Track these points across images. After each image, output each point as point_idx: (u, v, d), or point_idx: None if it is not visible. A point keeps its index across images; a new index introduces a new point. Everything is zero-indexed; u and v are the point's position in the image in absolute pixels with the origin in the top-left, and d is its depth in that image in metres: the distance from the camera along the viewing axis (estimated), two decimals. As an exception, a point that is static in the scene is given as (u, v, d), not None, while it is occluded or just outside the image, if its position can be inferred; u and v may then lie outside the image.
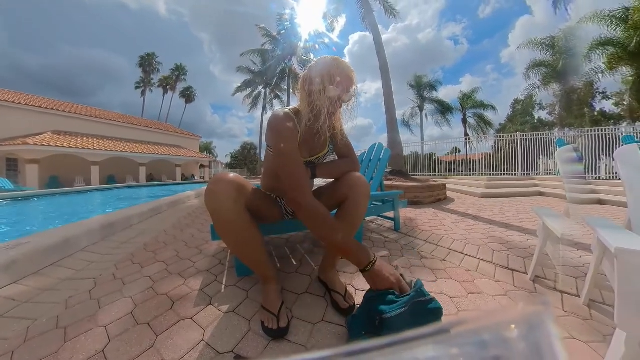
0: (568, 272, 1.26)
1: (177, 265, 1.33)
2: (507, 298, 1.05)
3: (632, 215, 0.81)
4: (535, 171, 6.63)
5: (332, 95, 0.84)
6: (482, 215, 2.80)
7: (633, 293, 0.53)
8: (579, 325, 0.88)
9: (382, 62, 6.14)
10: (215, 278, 1.17)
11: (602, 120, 13.79)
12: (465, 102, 15.95)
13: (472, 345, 0.12)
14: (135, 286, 1.11)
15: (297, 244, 1.64)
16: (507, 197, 4.54)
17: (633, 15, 7.16)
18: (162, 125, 20.48)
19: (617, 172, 0.98)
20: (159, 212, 2.92)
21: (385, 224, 2.21)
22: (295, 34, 13.58)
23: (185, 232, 2.00)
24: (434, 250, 1.58)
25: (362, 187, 0.93)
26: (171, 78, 33.54)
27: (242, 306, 0.95)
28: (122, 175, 14.14)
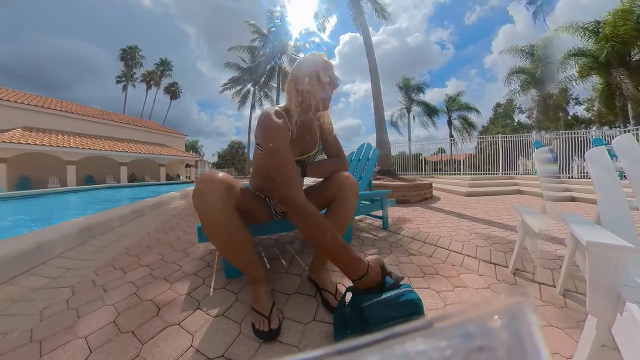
0: (545, 265, 1.34)
1: (162, 269, 1.28)
2: (490, 291, 1.10)
3: (601, 211, 0.87)
4: (515, 171, 6.99)
5: (322, 94, 0.87)
6: (466, 212, 2.91)
7: (602, 282, 0.57)
8: (555, 313, 0.94)
9: (371, 64, 6.21)
10: (203, 281, 1.14)
11: (574, 124, 14.82)
12: (450, 105, 16.64)
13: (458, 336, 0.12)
14: (117, 293, 1.06)
15: (286, 244, 1.63)
16: (489, 196, 4.74)
17: (603, 28, 7.74)
18: (145, 123, 19.46)
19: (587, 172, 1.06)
20: (141, 214, 2.80)
21: (374, 222, 2.25)
22: (286, 32, 13.39)
23: (171, 235, 1.93)
24: (421, 247, 1.62)
25: (351, 187, 0.93)
26: (155, 73, 31.73)
27: (231, 309, 0.93)
28: (102, 175, 13.36)
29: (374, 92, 6.14)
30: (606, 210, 0.86)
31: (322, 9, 8.38)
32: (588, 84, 9.87)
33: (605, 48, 7.79)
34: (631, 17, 7.27)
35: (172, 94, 33.28)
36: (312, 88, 0.86)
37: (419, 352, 0.12)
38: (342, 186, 0.93)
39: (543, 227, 1.09)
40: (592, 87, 10.34)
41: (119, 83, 31.13)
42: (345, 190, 0.93)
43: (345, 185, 0.93)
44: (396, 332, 0.12)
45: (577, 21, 8.43)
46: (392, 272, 0.80)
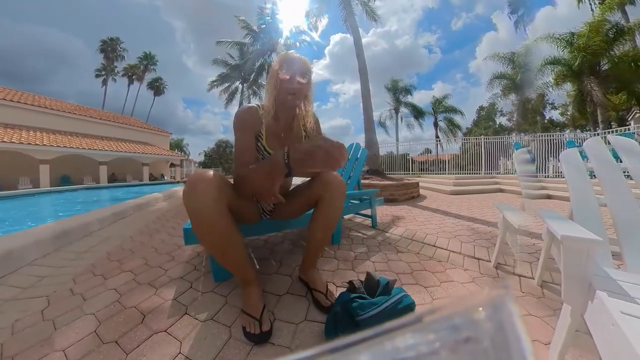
0: (524, 258, 1.41)
1: (146, 274, 1.23)
2: (474, 284, 1.15)
3: (573, 207, 0.94)
4: (496, 170, 7.34)
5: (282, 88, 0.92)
6: (451, 210, 3.00)
7: (575, 273, 0.61)
8: (534, 303, 1.00)
9: (361, 65, 6.27)
10: (190, 285, 1.11)
11: (550, 127, 15.80)
12: (437, 107, 17.18)
13: (446, 329, 0.13)
14: (98, 301, 1.00)
15: (276, 244, 1.62)
16: (472, 194, 4.93)
17: (578, 39, 8.34)
18: (126, 120, 18.42)
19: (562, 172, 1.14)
20: (123, 217, 2.68)
21: (363, 221, 2.27)
22: (276, 30, 13.07)
23: (155, 238, 1.86)
24: (409, 245, 1.66)
25: (338, 186, 0.92)
26: (138, 67, 29.94)
27: (221, 313, 0.91)
28: (79, 175, 12.48)
29: (363, 92, 6.22)
30: (578, 207, 0.93)
31: (313, 8, 8.37)
32: (563, 91, 10.66)
33: (578, 58, 8.41)
34: (601, 31, 7.86)
35: (156, 89, 31.56)
36: (280, 84, 0.92)
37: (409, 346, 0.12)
38: (328, 186, 0.92)
39: (522, 223, 1.16)
40: (567, 93, 11.20)
41: (98, 77, 29.26)
42: (331, 190, 0.92)
43: (332, 184, 0.92)
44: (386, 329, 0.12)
45: (554, 32, 9.09)
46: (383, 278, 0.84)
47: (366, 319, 0.71)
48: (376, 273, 0.91)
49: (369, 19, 7.58)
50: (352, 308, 0.74)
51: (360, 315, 0.72)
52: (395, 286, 0.84)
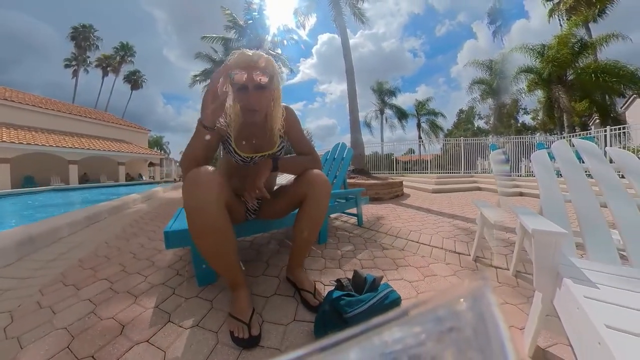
0: (500, 251, 1.50)
1: (124, 281, 1.17)
2: (455, 277, 1.21)
3: (542, 203, 1.02)
4: (475, 170, 7.76)
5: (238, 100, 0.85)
6: (433, 208, 3.12)
7: (545, 263, 0.66)
8: (510, 292, 1.07)
9: (348, 65, 6.33)
10: (172, 291, 1.06)
11: (523, 131, 16.98)
12: (420, 109, 18.04)
13: (430, 321, 0.14)
14: (70, 313, 0.93)
15: (262, 245, 1.60)
16: (453, 192, 5.15)
17: (548, 51, 9.15)
18: (100, 115, 16.91)
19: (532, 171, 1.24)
20: (97, 220, 2.51)
21: (349, 220, 2.30)
22: (263, 26, 12.68)
23: (133, 242, 1.77)
24: (394, 242, 1.70)
25: (322, 185, 0.92)
26: (114, 58, 27.38)
27: (207, 318, 0.88)
28: (45, 175, 11.28)
29: (350, 93, 6.29)
30: (546, 203, 1.00)
31: (302, 6, 8.32)
32: (534, 97, 11.61)
33: (547, 67, 9.22)
34: (568, 44, 8.66)
35: (133, 83, 29.14)
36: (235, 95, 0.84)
37: (396, 340, 0.13)
38: (313, 184, 0.92)
39: (498, 219, 1.24)
40: (537, 99, 12.06)
41: (68, 67, 26.36)
42: (316, 189, 0.91)
43: (316, 183, 0.92)
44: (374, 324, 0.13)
45: (527, 43, 9.91)
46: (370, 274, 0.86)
47: (354, 315, 0.72)
48: (363, 270, 0.93)
49: (357, 21, 7.67)
50: (340, 306, 0.75)
51: (348, 313, 0.73)
52: (381, 282, 0.86)
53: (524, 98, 12.35)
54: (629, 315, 0.48)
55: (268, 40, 12.82)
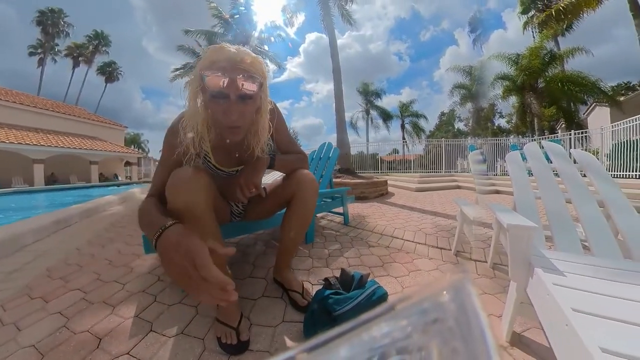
0: (478, 245, 1.58)
1: (99, 291, 1.09)
2: (438, 271, 1.26)
3: (516, 200, 1.09)
4: (455, 169, 8.17)
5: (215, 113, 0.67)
6: (416, 206, 3.23)
7: (519, 255, 0.71)
8: (488, 282, 1.14)
9: (335, 65, 6.35)
10: (154, 299, 1.01)
11: (499, 133, 18.19)
12: (404, 111, 18.75)
13: (416, 314, 0.14)
14: (38, 329, 0.85)
15: (248, 246, 1.57)
16: (435, 191, 5.35)
17: (522, 60, 9.94)
18: (70, 109, 15.33)
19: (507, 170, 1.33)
20: (67, 225, 2.32)
21: (336, 219, 2.32)
22: (250, 22, 12.23)
23: (109, 248, 1.66)
24: (380, 239, 1.74)
25: (310, 184, 0.92)
26: (86, 47, 24.88)
27: (192, 325, 0.85)
28: (5, 176, 10.15)
29: (336, 93, 6.33)
30: (519, 200, 1.08)
31: (290, 3, 8.27)
32: (509, 102, 12.59)
33: (521, 75, 9.98)
34: (539, 55, 9.47)
35: (108, 75, 26.67)
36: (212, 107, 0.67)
37: (384, 334, 0.13)
38: (301, 184, 0.92)
39: (476, 215, 1.31)
40: (512, 105, 13.06)
41: (33, 55, 23.67)
42: (304, 188, 0.91)
43: (304, 182, 0.92)
44: (362, 320, 0.13)
45: (504, 52, 10.71)
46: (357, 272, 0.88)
47: (343, 313, 0.73)
48: (350, 268, 0.95)
49: (345, 22, 7.73)
50: (329, 304, 0.75)
51: (337, 311, 0.73)
52: (368, 279, 0.88)
53: (499, 103, 13.60)
54: (591, 299, 0.52)
55: (255, 37, 12.44)
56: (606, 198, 1.00)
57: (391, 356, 0.13)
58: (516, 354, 0.72)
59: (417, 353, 0.13)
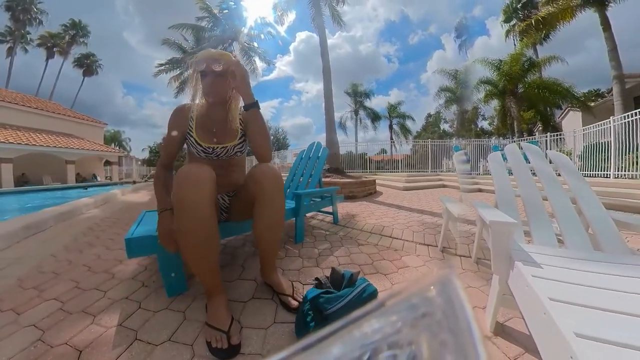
0: (463, 241, 1.64)
1: (78, 300, 1.03)
2: (426, 267, 1.29)
3: (497, 198, 1.15)
4: (440, 169, 8.44)
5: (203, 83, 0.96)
6: (404, 204, 3.30)
7: (500, 249, 0.74)
8: (472, 276, 1.18)
9: (325, 65, 6.35)
10: (138, 305, 0.97)
11: (481, 134, 19.00)
12: (392, 112, 19.20)
13: (405, 309, 0.15)
14: (10, 344, 0.79)
15: (237, 248, 1.54)
16: (421, 189, 5.48)
17: (503, 66, 10.49)
18: (43, 104, 13.89)
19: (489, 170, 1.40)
20: (40, 230, 2.17)
21: (325, 218, 2.33)
22: (240, 17, 11.78)
23: (87, 254, 1.58)
24: (369, 237, 1.77)
25: (271, 179, 0.87)
26: (62, 37, 22.79)
27: (179, 331, 0.82)
28: None
29: (326, 93, 6.33)
30: (500, 197, 1.13)
31: (281, 1, 8.17)
32: (491, 106, 13.18)
33: (502, 80, 10.55)
34: (519, 61, 10.04)
35: (86, 68, 24.56)
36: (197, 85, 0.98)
37: (375, 330, 0.14)
38: (261, 181, 0.86)
39: (461, 212, 1.36)
40: (494, 108, 13.68)
41: (1, 43, 21.61)
42: (265, 185, 0.86)
43: (265, 179, 0.86)
44: (353, 318, 0.13)
45: (487, 57, 11.15)
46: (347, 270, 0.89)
47: (334, 312, 0.73)
48: (340, 267, 0.95)
49: (336, 23, 7.74)
50: (320, 303, 0.75)
51: (328, 309, 0.74)
52: (358, 277, 0.89)
53: (482, 106, 14.22)
54: (566, 289, 0.56)
55: (244, 33, 12.08)
56: (578, 195, 1.07)
57: (383, 351, 0.13)
58: (500, 343, 0.76)
59: (408, 347, 0.13)
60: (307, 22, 7.31)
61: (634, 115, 3.84)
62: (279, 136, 26.24)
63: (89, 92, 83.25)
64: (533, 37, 9.37)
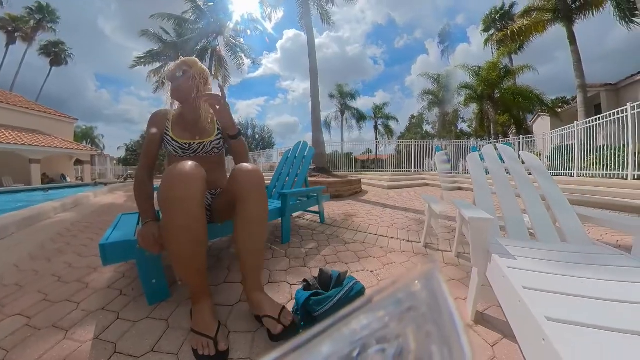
0: (444, 237, 1.71)
1: (47, 313, 0.95)
2: (410, 263, 1.34)
3: (475, 196, 1.21)
4: (423, 168, 8.79)
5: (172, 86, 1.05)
6: (389, 203, 3.38)
7: (479, 243, 0.78)
8: (454, 270, 1.24)
9: (312, 64, 6.31)
10: (116, 316, 0.91)
11: (461, 136, 20.10)
12: (377, 113, 19.87)
13: (392, 304, 0.15)
14: None
15: (222, 250, 1.50)
16: (405, 188, 5.64)
17: (482, 72, 11.16)
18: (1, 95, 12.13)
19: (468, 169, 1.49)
20: (0, 237, 2.00)
21: (312, 218, 2.33)
22: (226, 11, 11.19)
23: (56, 262, 1.45)
24: (355, 236, 1.79)
25: (252, 178, 0.83)
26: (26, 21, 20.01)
27: (163, 340, 0.78)
28: None
29: (313, 92, 6.30)
30: (478, 195, 1.20)
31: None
32: (470, 109, 14.16)
33: (481, 86, 11.28)
34: (497, 69, 10.83)
35: (54, 57, 21.80)
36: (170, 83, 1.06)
37: (364, 326, 0.14)
38: (241, 180, 0.83)
39: (442, 210, 1.43)
40: (472, 111, 14.53)
41: None
42: (245, 185, 0.82)
43: (244, 178, 0.83)
44: (342, 316, 0.14)
45: (467, 63, 11.98)
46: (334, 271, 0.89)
47: (323, 312, 0.73)
48: (328, 266, 0.96)
49: (324, 23, 7.73)
50: (310, 306, 0.76)
51: (317, 311, 0.74)
52: (346, 276, 0.90)
53: (462, 109, 15.35)
54: (538, 278, 0.61)
55: (230, 28, 11.59)
56: (546, 192, 1.16)
57: (372, 347, 0.13)
58: (480, 330, 0.81)
59: (395, 340, 0.14)
60: (295, 19, 7.26)
61: (594, 121, 4.25)
62: (264, 135, 25.85)
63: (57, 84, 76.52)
64: (509, 47, 10.20)
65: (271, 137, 26.37)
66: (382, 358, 0.13)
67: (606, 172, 3.89)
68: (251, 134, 25.20)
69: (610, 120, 3.90)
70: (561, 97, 16.04)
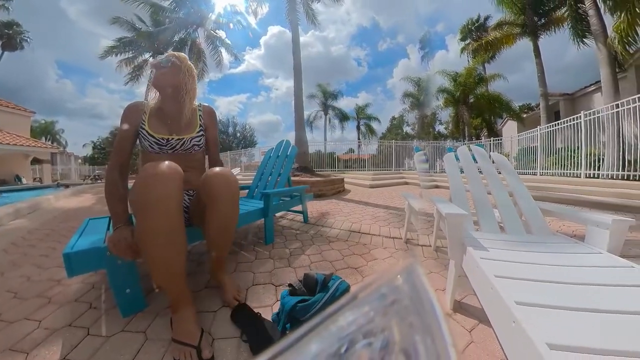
0: (424, 232, 1.79)
1: (2, 335, 0.84)
2: (392, 258, 1.39)
3: (451, 193, 1.29)
4: (403, 167, 9.11)
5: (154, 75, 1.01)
6: (371, 201, 3.46)
7: (455, 237, 0.83)
8: (433, 263, 1.31)
9: (296, 62, 6.23)
10: (86, 332, 0.83)
11: (438, 137, 21.20)
12: (359, 113, 20.28)
13: (376, 299, 0.16)
14: None
15: (202, 254, 1.45)
16: (386, 187, 5.80)
17: (459, 78, 12.03)
18: None
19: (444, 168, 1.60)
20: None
21: (295, 217, 2.32)
22: (207, 2, 10.84)
23: (11, 276, 1.30)
24: (338, 234, 1.82)
25: (218, 177, 0.83)
26: None
27: (141, 354, 0.73)
28: None
29: (296, 91, 6.24)
30: (454, 193, 1.29)
31: None
32: (447, 112, 15.05)
33: (458, 90, 12.14)
34: (472, 75, 11.70)
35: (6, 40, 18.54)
36: None
37: (350, 322, 0.15)
38: (209, 181, 0.83)
39: (421, 207, 1.50)
40: (449, 114, 15.44)
41: None
42: (212, 185, 0.82)
43: (212, 179, 0.83)
44: (328, 313, 0.14)
45: (445, 69, 12.72)
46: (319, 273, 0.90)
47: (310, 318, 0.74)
48: (312, 266, 0.96)
49: (309, 21, 7.64)
50: (297, 312, 0.76)
51: (304, 316, 0.74)
52: (331, 277, 0.90)
53: (440, 112, 16.31)
54: (508, 266, 0.66)
55: (211, 20, 10.92)
56: (514, 189, 1.26)
57: (359, 341, 0.14)
58: (458, 318, 0.86)
59: (381, 334, 0.14)
60: (280, 16, 7.09)
61: (553, 126, 4.77)
62: (246, 133, 25.21)
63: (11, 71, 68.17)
64: (482, 57, 10.99)
65: (253, 136, 25.83)
66: (369, 352, 0.13)
67: (563, 170, 4.33)
68: (232, 132, 24.50)
69: (567, 126, 4.37)
70: (527, 104, 17.66)
